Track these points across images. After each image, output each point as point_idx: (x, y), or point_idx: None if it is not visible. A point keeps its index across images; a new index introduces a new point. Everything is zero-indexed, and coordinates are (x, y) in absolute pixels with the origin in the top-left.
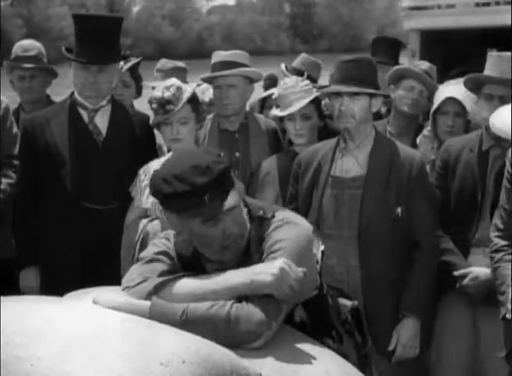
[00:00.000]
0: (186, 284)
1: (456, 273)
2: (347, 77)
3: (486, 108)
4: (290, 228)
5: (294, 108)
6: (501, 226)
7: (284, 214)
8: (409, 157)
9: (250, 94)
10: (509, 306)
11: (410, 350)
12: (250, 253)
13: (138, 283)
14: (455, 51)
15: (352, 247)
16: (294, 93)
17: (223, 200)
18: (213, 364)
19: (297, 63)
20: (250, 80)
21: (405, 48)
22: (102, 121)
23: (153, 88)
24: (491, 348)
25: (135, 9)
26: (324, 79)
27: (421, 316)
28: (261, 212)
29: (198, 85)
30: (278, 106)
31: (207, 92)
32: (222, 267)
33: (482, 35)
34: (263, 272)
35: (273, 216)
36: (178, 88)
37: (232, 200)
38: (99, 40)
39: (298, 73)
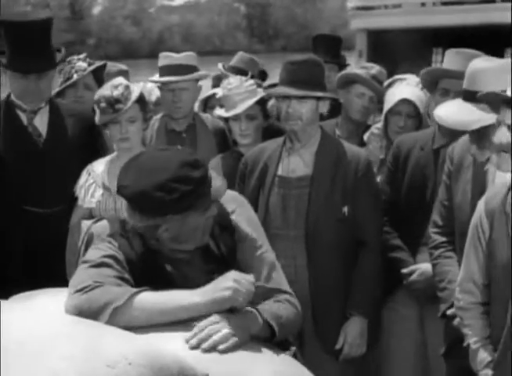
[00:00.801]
0: (145, 302)
1: (403, 271)
2: (295, 78)
3: (441, 103)
4: (246, 208)
5: (239, 109)
6: (440, 223)
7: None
8: (355, 155)
9: (198, 94)
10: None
11: (357, 349)
12: (214, 233)
13: (92, 289)
14: (403, 51)
15: (299, 246)
16: (239, 94)
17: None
18: (160, 366)
19: (234, 61)
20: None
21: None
22: (41, 123)
23: None
24: (437, 346)
25: (97, 9)
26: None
27: (368, 315)
28: None
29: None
30: (222, 106)
31: (153, 92)
32: (189, 256)
33: (430, 35)
34: (219, 288)
35: None
36: (127, 87)
37: (218, 184)
38: (30, 47)
39: (237, 71)
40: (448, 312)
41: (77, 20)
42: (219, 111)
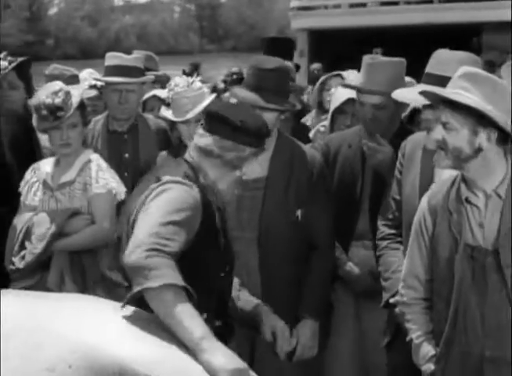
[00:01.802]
0: (167, 300)
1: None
2: (263, 86)
3: (362, 115)
4: None
5: (191, 115)
6: (389, 216)
7: None
8: (310, 158)
9: (142, 96)
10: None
11: (309, 351)
12: None
13: (162, 256)
14: (343, 51)
15: (252, 248)
16: (188, 97)
17: None
18: (99, 368)
19: None
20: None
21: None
22: None
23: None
24: (375, 340)
25: (54, 10)
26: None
27: (319, 317)
28: None
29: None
30: (168, 105)
31: (84, 93)
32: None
33: (371, 35)
34: (218, 357)
35: None
36: (67, 94)
37: None
38: None
39: None
40: (392, 300)
41: (35, 21)
42: (167, 113)
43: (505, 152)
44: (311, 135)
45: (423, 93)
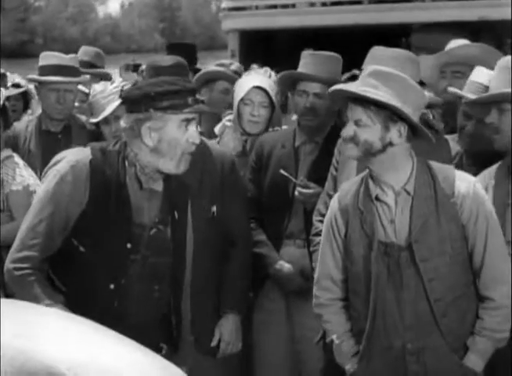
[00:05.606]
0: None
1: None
2: None
3: (302, 104)
4: None
5: (107, 112)
6: (324, 211)
7: None
8: (219, 155)
9: (77, 96)
10: None
11: (233, 346)
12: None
13: (28, 275)
14: (276, 51)
15: None
16: (104, 97)
17: None
18: (28, 373)
19: (79, 55)
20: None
21: None
22: None
23: None
24: (305, 336)
25: (40, 11)
26: None
27: (240, 312)
28: None
29: None
30: (92, 114)
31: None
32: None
33: (305, 36)
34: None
35: None
36: None
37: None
38: None
39: (83, 64)
40: None
41: (25, 21)
42: (92, 118)
43: (410, 149)
44: (216, 130)
45: (331, 92)
